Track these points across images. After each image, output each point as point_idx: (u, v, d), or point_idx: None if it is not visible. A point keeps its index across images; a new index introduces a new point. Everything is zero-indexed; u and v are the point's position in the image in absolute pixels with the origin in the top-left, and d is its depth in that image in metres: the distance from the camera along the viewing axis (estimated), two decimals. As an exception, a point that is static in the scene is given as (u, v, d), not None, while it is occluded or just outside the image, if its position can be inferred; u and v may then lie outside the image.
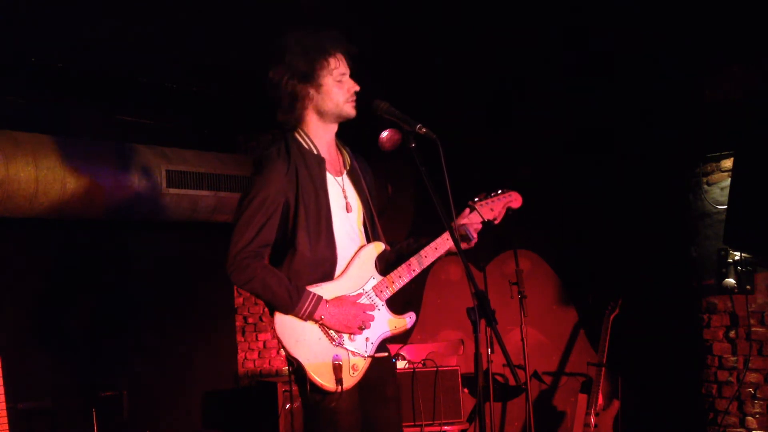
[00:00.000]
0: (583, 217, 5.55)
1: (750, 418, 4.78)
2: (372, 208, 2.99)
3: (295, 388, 2.87)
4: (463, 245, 2.97)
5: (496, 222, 3.06)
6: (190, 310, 6.14)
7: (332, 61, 2.82)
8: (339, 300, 2.78)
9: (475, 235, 2.97)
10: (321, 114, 2.87)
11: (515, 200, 3.15)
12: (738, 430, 4.82)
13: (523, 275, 5.04)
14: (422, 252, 2.92)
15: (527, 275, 5.24)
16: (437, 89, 5.43)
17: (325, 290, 2.79)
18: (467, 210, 3.02)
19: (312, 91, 2.82)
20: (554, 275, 5.87)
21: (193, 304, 6.17)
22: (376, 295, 2.87)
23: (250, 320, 6.58)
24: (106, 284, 5.63)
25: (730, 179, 4.55)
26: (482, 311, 2.45)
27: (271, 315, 2.78)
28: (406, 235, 3.19)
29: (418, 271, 2.92)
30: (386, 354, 2.95)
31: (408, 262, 2.90)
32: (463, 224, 2.97)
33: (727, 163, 4.85)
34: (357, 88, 2.87)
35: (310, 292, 2.74)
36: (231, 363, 6.53)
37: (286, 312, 2.73)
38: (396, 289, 2.90)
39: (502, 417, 5.78)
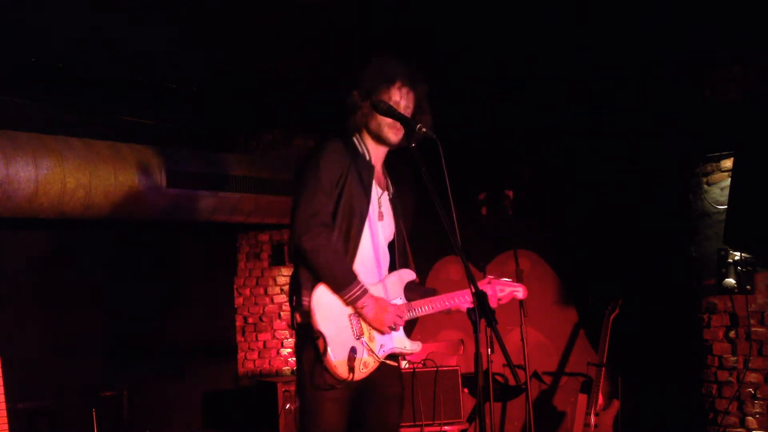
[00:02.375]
0: (583, 217, 5.55)
1: (750, 418, 4.77)
2: (405, 238, 3.14)
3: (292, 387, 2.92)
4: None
5: (501, 302, 3.11)
6: (190, 310, 6.14)
7: (393, 90, 2.96)
8: (380, 298, 2.92)
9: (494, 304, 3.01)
10: (369, 131, 3.03)
11: (522, 293, 3.19)
12: (738, 430, 4.81)
13: (523, 275, 5.04)
14: (446, 296, 3.04)
15: (527, 275, 5.24)
16: (437, 89, 5.42)
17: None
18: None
19: (366, 110, 2.96)
20: (554, 275, 5.87)
21: (193, 303, 6.17)
22: (397, 308, 2.98)
23: (250, 320, 6.58)
24: (105, 284, 5.62)
25: (730, 179, 4.55)
26: (482, 311, 2.45)
27: (296, 302, 2.84)
28: (407, 236, 3.23)
29: (438, 310, 3.02)
30: (396, 364, 3.06)
31: (431, 299, 3.02)
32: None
33: (727, 163, 4.85)
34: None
35: (360, 281, 2.85)
36: (231, 363, 6.53)
37: (335, 289, 2.82)
38: (414, 317, 3.01)
39: (502, 417, 5.78)
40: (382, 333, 2.92)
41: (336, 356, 2.80)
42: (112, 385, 5.19)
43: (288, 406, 5.39)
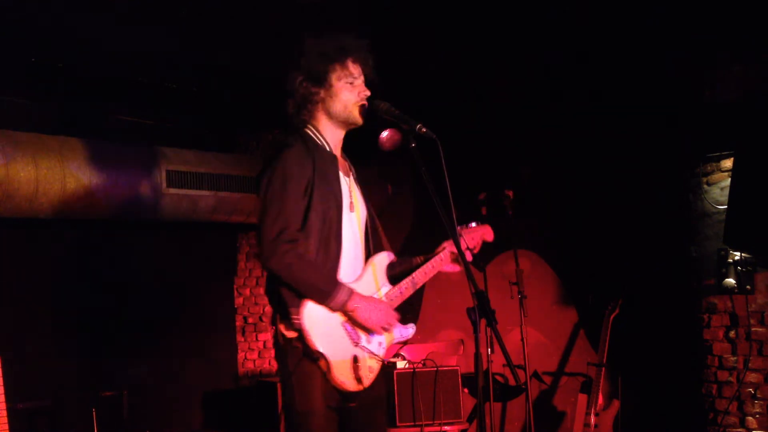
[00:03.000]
0: (583, 217, 5.55)
1: (750, 418, 4.78)
2: (375, 218, 3.03)
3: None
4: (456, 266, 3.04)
5: (475, 251, 3.10)
6: (190, 310, 6.14)
7: (346, 65, 2.84)
8: (369, 298, 2.82)
9: (469, 257, 2.94)
10: (330, 116, 2.89)
11: (488, 233, 3.19)
12: (738, 430, 4.82)
13: (523, 275, 5.04)
14: (425, 267, 2.97)
15: (527, 275, 5.23)
16: (437, 89, 5.42)
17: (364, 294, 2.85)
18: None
19: (323, 93, 2.85)
20: (554, 275, 5.86)
21: (193, 303, 6.17)
22: (389, 303, 2.90)
23: (250, 320, 6.58)
24: (105, 284, 5.62)
25: (730, 179, 4.55)
26: (482, 311, 2.45)
27: (282, 315, 2.74)
28: (407, 236, 3.20)
29: (423, 280, 2.98)
30: (395, 361, 3.02)
31: (411, 277, 2.95)
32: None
33: (727, 163, 4.85)
34: (367, 93, 2.87)
35: (344, 284, 2.75)
36: (231, 363, 6.53)
37: (320, 301, 2.70)
38: (404, 298, 2.94)
39: (502, 417, 5.78)
40: (376, 333, 2.83)
41: (340, 372, 2.72)
42: (112, 385, 5.18)
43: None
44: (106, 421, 4.94)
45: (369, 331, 2.83)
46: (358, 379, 2.75)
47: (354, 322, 2.78)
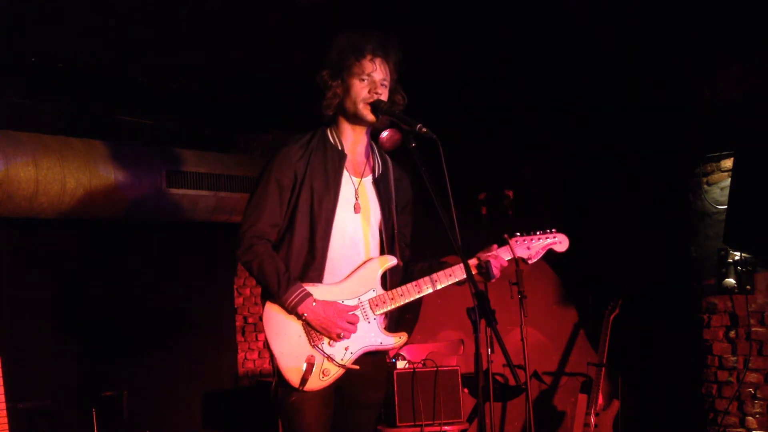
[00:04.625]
0: (583, 217, 5.55)
1: (750, 418, 4.78)
2: (393, 221, 2.97)
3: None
4: (479, 279, 2.91)
5: (530, 261, 3.03)
6: (190, 310, 6.14)
7: (363, 62, 2.84)
8: (327, 303, 2.78)
9: (497, 273, 2.89)
10: (345, 114, 2.91)
11: (561, 243, 3.13)
12: (738, 430, 4.82)
13: (523, 275, 5.02)
14: (434, 276, 2.89)
15: (527, 275, 5.22)
16: (437, 89, 5.42)
17: (321, 290, 2.80)
18: (495, 246, 2.98)
19: (338, 88, 2.87)
20: (554, 275, 5.86)
21: (193, 304, 6.17)
22: (371, 308, 2.85)
23: (250, 320, 6.58)
24: (105, 284, 5.62)
25: (730, 179, 4.55)
26: (482, 311, 2.45)
27: (263, 303, 2.82)
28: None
29: (425, 293, 2.89)
30: (356, 367, 2.85)
31: (416, 282, 2.88)
32: (488, 260, 2.89)
33: (727, 163, 4.85)
34: (379, 92, 2.85)
35: (301, 286, 2.76)
36: (231, 363, 6.53)
37: (274, 299, 2.77)
38: (396, 306, 2.88)
39: (502, 417, 5.78)
40: (333, 340, 2.78)
41: (287, 371, 2.77)
42: (112, 385, 5.18)
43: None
44: (106, 421, 4.94)
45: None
46: (303, 380, 2.75)
47: (309, 325, 2.78)
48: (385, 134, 5.32)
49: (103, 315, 5.55)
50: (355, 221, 2.90)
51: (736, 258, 4.80)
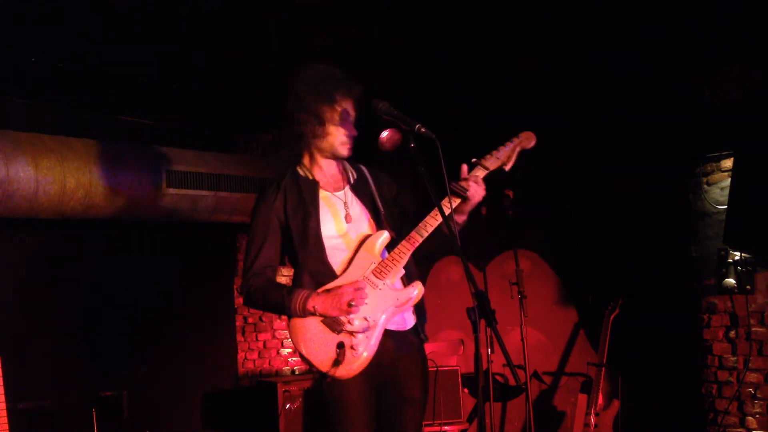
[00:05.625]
0: (583, 217, 5.55)
1: (750, 418, 4.77)
2: (381, 211, 3.04)
3: (297, 387, 2.93)
4: (459, 203, 2.89)
5: (507, 168, 3.05)
6: (190, 310, 6.14)
7: (337, 107, 2.97)
8: (329, 289, 2.88)
9: (473, 190, 2.88)
10: (319, 150, 3.05)
11: (526, 139, 3.12)
12: (738, 430, 4.81)
13: (523, 275, 5.03)
14: (421, 224, 2.89)
15: (527, 275, 5.23)
16: (437, 89, 5.42)
17: (327, 286, 2.91)
18: (465, 167, 2.95)
19: (314, 130, 2.98)
20: (554, 275, 5.86)
21: (193, 304, 6.17)
22: (377, 277, 2.87)
23: (250, 320, 6.58)
24: (106, 284, 5.63)
25: (730, 179, 4.54)
26: (482, 311, 2.45)
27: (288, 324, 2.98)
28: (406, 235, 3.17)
29: (419, 241, 2.87)
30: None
31: (407, 237, 2.89)
32: (461, 184, 2.89)
33: (727, 163, 4.85)
34: (354, 133, 3.03)
35: (301, 290, 2.89)
36: (231, 363, 6.53)
37: (288, 313, 2.90)
38: (400, 265, 2.88)
39: (502, 417, 5.78)
40: (349, 314, 2.82)
41: (319, 363, 2.84)
42: (112, 385, 5.18)
43: (288, 406, 5.39)
44: (106, 421, 4.94)
45: (347, 317, 2.84)
46: (335, 362, 2.79)
47: (325, 317, 2.86)
48: (384, 134, 5.35)
49: (103, 315, 5.56)
50: (350, 229, 2.99)
51: (736, 258, 4.80)
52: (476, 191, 2.91)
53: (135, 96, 5.46)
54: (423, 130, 2.70)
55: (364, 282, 2.86)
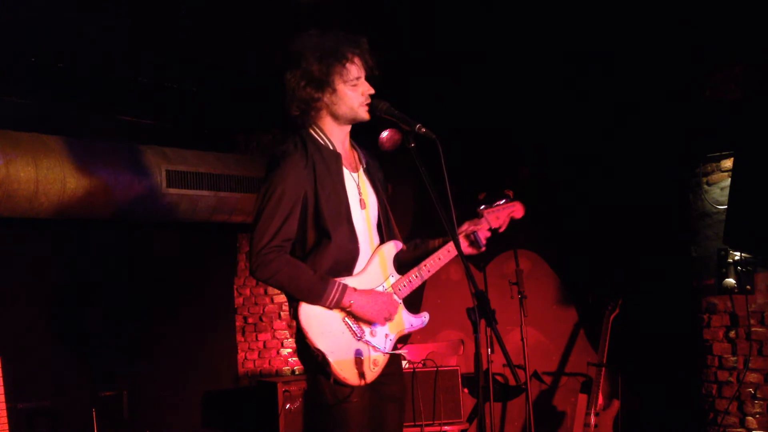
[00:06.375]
0: (583, 217, 5.55)
1: (750, 418, 4.78)
2: (387, 207, 3.00)
3: (297, 387, 2.88)
4: (472, 251, 3.01)
5: (501, 230, 3.10)
6: (190, 310, 6.14)
7: (348, 66, 2.80)
8: (366, 291, 2.78)
9: (484, 242, 3.00)
10: (335, 117, 2.86)
11: (518, 210, 3.18)
12: (738, 430, 4.82)
13: (523, 275, 5.04)
14: (435, 255, 2.92)
15: (527, 275, 5.24)
16: (437, 88, 5.42)
17: (351, 282, 2.79)
18: (476, 219, 3.05)
19: (327, 97, 2.81)
20: (554, 275, 5.86)
21: (193, 304, 6.17)
22: (395, 293, 2.87)
23: (250, 320, 6.58)
24: (105, 284, 5.63)
25: (730, 179, 4.54)
26: (482, 311, 2.45)
27: (293, 312, 2.74)
28: (407, 236, 3.17)
29: (432, 271, 2.92)
30: (401, 353, 2.95)
31: (425, 262, 2.91)
32: (474, 231, 3.00)
33: (727, 163, 4.85)
34: (372, 91, 2.84)
35: (336, 280, 2.73)
36: (231, 363, 6.53)
37: (313, 302, 2.71)
38: (412, 288, 2.90)
39: (502, 417, 5.78)
40: (382, 325, 2.80)
41: (341, 369, 2.70)
42: (112, 385, 5.18)
43: (288, 406, 5.39)
44: (106, 421, 4.94)
45: (371, 324, 2.80)
46: (361, 374, 2.72)
47: (354, 316, 2.77)
48: (385, 134, 5.34)
49: (103, 315, 5.55)
50: (363, 216, 2.90)
51: (736, 258, 4.80)
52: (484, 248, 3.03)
53: (135, 96, 5.46)
54: (423, 130, 2.69)
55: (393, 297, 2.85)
